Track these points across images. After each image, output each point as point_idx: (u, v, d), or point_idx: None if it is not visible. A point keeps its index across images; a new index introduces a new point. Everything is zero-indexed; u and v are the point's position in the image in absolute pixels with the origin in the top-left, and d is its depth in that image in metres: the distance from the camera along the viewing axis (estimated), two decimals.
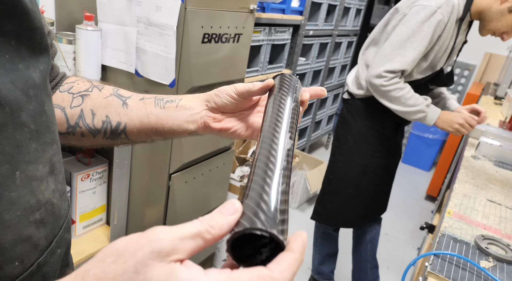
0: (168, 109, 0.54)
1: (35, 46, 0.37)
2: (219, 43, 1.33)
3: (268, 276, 0.25)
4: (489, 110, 2.33)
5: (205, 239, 0.27)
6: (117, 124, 0.55)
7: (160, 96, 0.55)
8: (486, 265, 0.82)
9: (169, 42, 1.17)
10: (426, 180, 3.48)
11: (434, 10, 1.29)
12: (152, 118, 0.54)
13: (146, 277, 0.24)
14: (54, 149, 0.40)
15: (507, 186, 1.26)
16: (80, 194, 1.33)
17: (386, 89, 1.37)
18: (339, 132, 1.64)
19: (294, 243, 0.28)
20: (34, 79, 0.37)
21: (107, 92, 0.56)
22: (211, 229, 0.27)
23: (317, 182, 2.64)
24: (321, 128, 3.55)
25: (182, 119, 0.53)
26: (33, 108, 0.36)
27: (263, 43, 2.11)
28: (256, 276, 0.25)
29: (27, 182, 0.35)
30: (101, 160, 1.40)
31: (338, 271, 1.95)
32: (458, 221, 0.99)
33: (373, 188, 1.63)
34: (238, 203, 0.29)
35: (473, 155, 1.52)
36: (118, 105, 0.55)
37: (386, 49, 1.37)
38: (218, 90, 0.53)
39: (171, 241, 0.25)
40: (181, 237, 0.26)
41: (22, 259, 0.35)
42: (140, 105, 0.55)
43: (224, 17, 1.30)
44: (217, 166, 1.62)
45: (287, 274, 0.26)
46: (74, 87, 0.56)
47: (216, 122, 0.54)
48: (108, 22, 1.27)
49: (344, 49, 3.34)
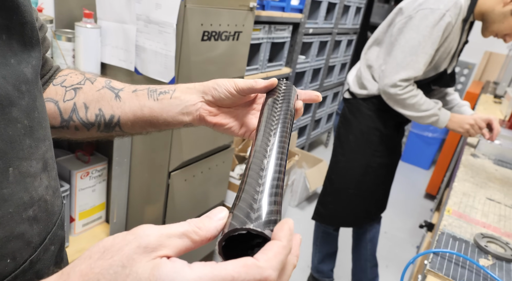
0: (162, 101, 0.52)
1: (26, 40, 0.37)
2: (219, 41, 1.33)
3: (253, 264, 0.25)
4: (489, 109, 2.33)
5: (192, 239, 0.27)
6: (111, 117, 0.54)
7: (153, 87, 0.54)
8: (485, 263, 0.82)
9: (169, 40, 1.17)
10: (425, 178, 3.48)
11: (443, 13, 1.28)
12: (146, 111, 0.53)
13: (132, 270, 0.24)
14: (47, 145, 0.40)
15: (506, 185, 1.27)
16: (79, 192, 1.33)
17: (401, 98, 1.37)
18: (340, 132, 1.63)
19: (280, 231, 0.27)
20: (26, 74, 0.36)
21: (99, 85, 0.55)
22: (198, 230, 0.27)
23: (317, 180, 2.64)
24: (320, 127, 3.55)
25: (176, 111, 0.52)
26: (25, 104, 0.36)
27: (262, 41, 2.11)
28: (242, 265, 0.24)
29: (20, 178, 0.35)
30: (101, 157, 1.40)
31: (337, 269, 1.96)
32: (458, 219, 0.99)
33: (374, 187, 1.63)
34: (225, 210, 0.30)
35: (473, 153, 1.52)
36: (111, 98, 0.54)
37: (398, 56, 1.35)
38: (217, 83, 0.51)
39: (158, 237, 0.26)
40: (168, 234, 0.26)
41: (14, 256, 0.35)
42: (133, 97, 0.54)
43: (223, 14, 1.30)
44: (217, 164, 1.62)
45: (274, 262, 0.25)
46: (67, 81, 0.55)
47: (212, 116, 0.53)
48: (107, 20, 1.27)
49: (344, 48, 3.34)
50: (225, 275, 0.24)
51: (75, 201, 1.33)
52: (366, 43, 1.57)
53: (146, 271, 0.24)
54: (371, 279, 1.83)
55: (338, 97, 3.70)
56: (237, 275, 0.24)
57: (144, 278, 0.24)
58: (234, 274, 0.24)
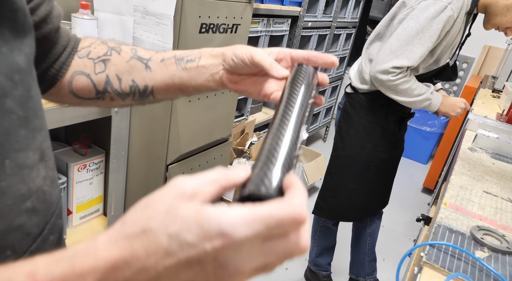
0: (190, 70, 0.53)
1: (19, 27, 0.36)
2: (217, 34, 1.32)
3: (288, 203, 0.27)
4: (487, 103, 2.33)
5: (221, 185, 0.29)
6: (145, 87, 0.55)
7: (179, 55, 0.55)
8: (481, 255, 0.83)
9: (166, 32, 1.16)
10: (423, 172, 3.49)
11: (444, 5, 1.27)
12: (176, 80, 0.54)
13: (177, 214, 0.26)
14: (43, 135, 0.40)
15: (503, 178, 1.27)
16: (76, 184, 1.33)
17: (393, 84, 1.36)
18: (341, 126, 1.63)
19: (293, 181, 0.30)
20: (19, 63, 0.36)
21: (127, 55, 0.56)
22: (227, 176, 0.30)
23: (315, 174, 2.65)
24: (319, 121, 3.55)
25: (203, 78, 0.53)
26: (19, 93, 0.35)
27: (261, 34, 2.10)
28: (277, 205, 0.27)
29: (17, 170, 0.35)
30: (98, 150, 1.40)
31: (334, 263, 1.97)
32: (454, 212, 0.99)
33: (375, 182, 1.63)
34: (248, 168, 0.32)
35: (470, 147, 1.52)
36: (142, 69, 0.55)
37: (393, 44, 1.34)
38: (235, 53, 0.51)
39: (192, 184, 0.28)
40: (200, 182, 0.29)
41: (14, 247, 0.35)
42: (162, 67, 0.54)
43: (221, 7, 1.29)
44: (215, 157, 1.62)
45: (303, 202, 0.28)
46: (92, 52, 0.56)
47: (232, 83, 0.53)
48: (104, 11, 1.26)
49: (343, 41, 3.33)
50: (263, 213, 0.26)
51: (72, 193, 1.33)
52: (368, 38, 1.56)
53: (191, 215, 0.26)
54: (369, 273, 1.84)
55: (337, 92, 3.70)
56: (273, 211, 0.26)
57: (191, 221, 0.26)
58: (272, 211, 0.26)
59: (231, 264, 0.26)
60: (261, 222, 0.26)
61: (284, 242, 0.27)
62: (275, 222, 0.26)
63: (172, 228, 0.26)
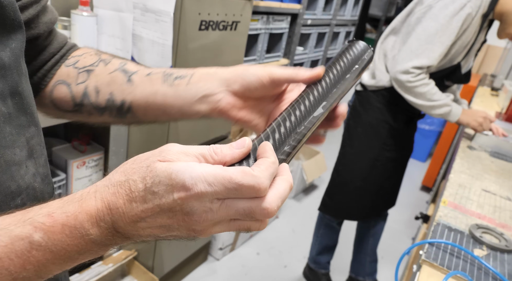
0: (177, 87, 0.46)
1: (7, 23, 0.36)
2: (216, 31, 1.32)
3: (249, 172, 0.30)
4: (486, 101, 2.34)
5: (207, 161, 0.32)
6: (122, 102, 0.49)
7: (169, 71, 0.48)
8: (480, 253, 0.83)
9: (166, 29, 1.16)
10: (421, 170, 3.50)
11: (463, 3, 1.26)
12: (159, 98, 0.47)
13: (152, 169, 0.30)
14: (32, 132, 0.39)
15: (502, 176, 1.27)
16: (75, 181, 1.32)
17: (412, 85, 1.35)
18: (350, 124, 1.62)
19: (265, 152, 0.33)
20: (3, 58, 0.35)
21: (113, 67, 0.50)
22: (214, 154, 0.32)
23: (314, 172, 2.65)
24: None
25: (193, 100, 0.46)
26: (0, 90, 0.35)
27: (260, 32, 2.09)
28: (241, 171, 0.30)
29: (5, 167, 0.34)
30: (97, 147, 1.39)
31: (334, 261, 1.97)
32: (453, 210, 0.99)
33: (382, 181, 1.62)
34: (249, 140, 0.34)
35: (469, 145, 1.52)
36: (123, 82, 0.49)
37: (413, 44, 1.33)
38: (247, 70, 0.44)
39: (177, 153, 0.31)
40: (187, 152, 0.32)
41: None
42: (146, 81, 0.48)
43: (221, 4, 1.28)
44: None
45: (266, 173, 0.31)
46: (79, 62, 0.51)
47: (236, 111, 0.46)
48: (103, 8, 1.26)
49: (342, 39, 3.32)
50: (225, 174, 0.30)
51: (71, 190, 1.32)
52: (383, 33, 1.56)
53: (163, 169, 0.30)
54: (369, 273, 1.84)
55: None
56: (234, 177, 0.29)
57: (161, 171, 0.30)
58: (233, 176, 0.29)
59: (195, 213, 0.30)
60: (220, 182, 0.29)
61: (244, 201, 0.30)
62: (233, 186, 0.29)
63: (148, 180, 0.30)
